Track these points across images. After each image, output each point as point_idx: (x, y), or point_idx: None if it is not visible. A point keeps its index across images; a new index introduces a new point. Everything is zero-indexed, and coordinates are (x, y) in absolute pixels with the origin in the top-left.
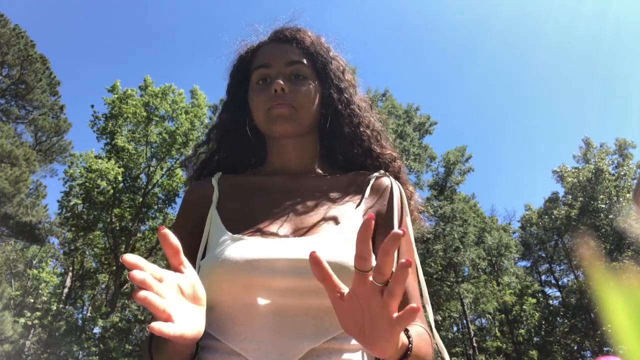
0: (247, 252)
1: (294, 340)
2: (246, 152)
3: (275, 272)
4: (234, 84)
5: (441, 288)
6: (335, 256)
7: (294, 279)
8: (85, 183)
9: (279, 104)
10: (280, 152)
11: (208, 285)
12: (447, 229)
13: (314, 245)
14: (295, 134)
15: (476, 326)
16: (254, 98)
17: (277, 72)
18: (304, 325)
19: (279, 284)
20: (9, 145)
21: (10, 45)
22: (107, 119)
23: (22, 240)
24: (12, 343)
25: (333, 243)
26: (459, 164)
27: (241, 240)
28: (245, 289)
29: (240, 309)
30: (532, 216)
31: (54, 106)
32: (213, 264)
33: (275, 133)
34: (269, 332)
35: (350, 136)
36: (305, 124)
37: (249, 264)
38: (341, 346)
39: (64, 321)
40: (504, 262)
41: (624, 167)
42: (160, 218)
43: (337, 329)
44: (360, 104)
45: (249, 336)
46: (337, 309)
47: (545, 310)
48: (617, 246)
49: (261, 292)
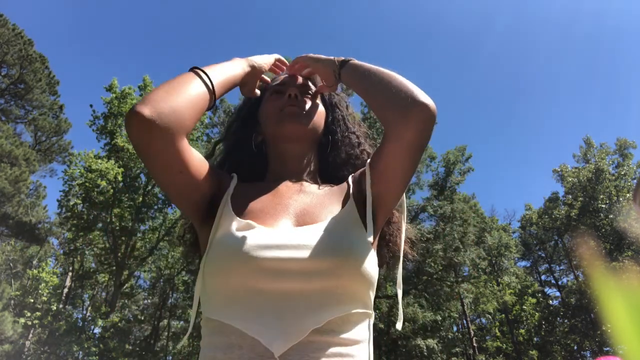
0: (255, 237)
1: (298, 321)
2: (250, 165)
3: (280, 256)
4: (249, 106)
5: (441, 288)
6: (334, 240)
7: (298, 262)
8: (85, 183)
9: (292, 105)
10: (282, 161)
11: (216, 269)
12: (447, 229)
13: (316, 232)
14: (302, 136)
15: (476, 326)
16: (266, 106)
17: (289, 87)
18: (308, 307)
19: (284, 266)
20: (8, 145)
21: (9, 45)
22: (106, 118)
23: (22, 240)
24: (12, 343)
25: (332, 229)
26: (459, 164)
27: (250, 229)
28: (252, 273)
29: (246, 291)
30: (532, 216)
31: (54, 106)
32: (220, 248)
33: (286, 130)
34: (274, 313)
35: (346, 160)
36: (311, 131)
37: (256, 249)
38: (343, 328)
39: (64, 321)
40: (504, 262)
41: (624, 167)
42: (160, 218)
43: (339, 310)
44: (359, 133)
45: (255, 317)
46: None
47: (545, 310)
48: (617, 246)
49: (267, 275)
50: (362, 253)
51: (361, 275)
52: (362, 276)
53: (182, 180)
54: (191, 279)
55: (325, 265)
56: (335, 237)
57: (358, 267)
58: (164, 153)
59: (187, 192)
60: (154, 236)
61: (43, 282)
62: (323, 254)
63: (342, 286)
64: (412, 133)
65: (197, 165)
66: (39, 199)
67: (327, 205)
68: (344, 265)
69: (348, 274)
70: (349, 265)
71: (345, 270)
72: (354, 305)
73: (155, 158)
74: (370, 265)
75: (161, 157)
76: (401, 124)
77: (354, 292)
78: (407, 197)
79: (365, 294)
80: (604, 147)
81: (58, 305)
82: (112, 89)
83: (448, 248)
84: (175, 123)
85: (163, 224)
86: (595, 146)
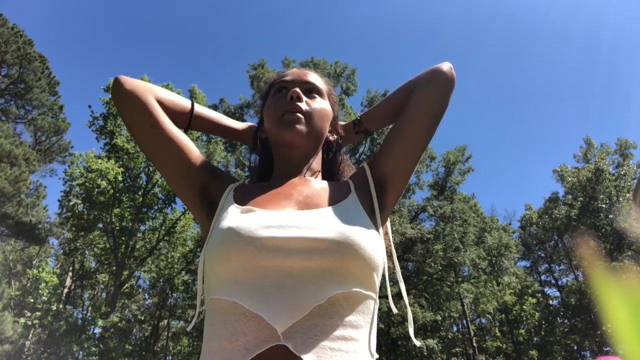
0: (258, 219)
1: (300, 298)
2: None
3: (284, 236)
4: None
5: (441, 288)
6: (338, 223)
7: (301, 240)
8: (85, 183)
9: (292, 112)
10: (286, 162)
11: (217, 251)
12: (447, 229)
13: (319, 215)
14: (303, 144)
15: (476, 326)
16: (269, 106)
17: (293, 85)
18: (309, 284)
19: (287, 245)
20: (8, 145)
21: (9, 44)
22: (106, 119)
23: (22, 240)
24: (12, 343)
25: (336, 213)
26: (459, 164)
27: (251, 212)
28: (253, 251)
29: (247, 269)
30: (532, 216)
31: (54, 106)
32: (221, 232)
33: (285, 139)
34: (276, 290)
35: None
36: (313, 137)
37: (257, 228)
38: (344, 306)
39: (64, 321)
40: (504, 262)
41: (624, 167)
42: (160, 218)
43: (339, 288)
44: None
45: (259, 295)
46: None
47: (545, 310)
48: (617, 246)
49: (268, 253)
50: (365, 234)
51: (363, 255)
52: (364, 257)
53: (155, 135)
54: (191, 279)
55: (327, 244)
56: (337, 218)
57: (361, 247)
58: (131, 103)
59: (169, 158)
60: (153, 236)
61: (43, 282)
62: (325, 233)
63: (344, 265)
64: (437, 95)
65: (175, 132)
66: (39, 199)
67: (330, 195)
68: (346, 244)
69: (350, 253)
70: (351, 244)
71: (347, 249)
72: (356, 285)
73: (123, 107)
74: (373, 248)
75: (129, 106)
76: (428, 87)
77: (356, 272)
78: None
79: (369, 276)
80: (604, 147)
81: (58, 305)
82: (109, 89)
83: (448, 248)
84: (144, 88)
85: (163, 224)
86: (595, 146)
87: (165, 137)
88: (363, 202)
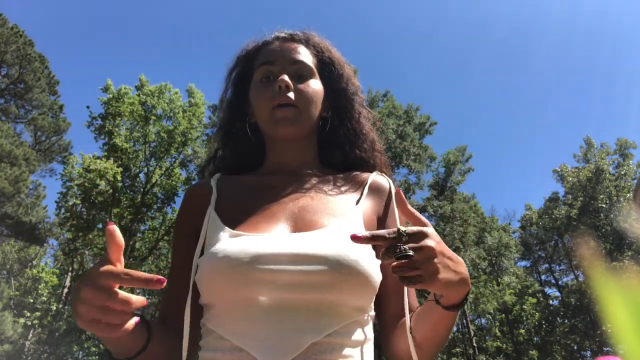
0: (248, 247)
1: (295, 335)
2: (247, 151)
3: (276, 267)
4: (235, 81)
5: None
6: (336, 250)
7: (295, 274)
8: (84, 183)
9: (283, 106)
10: (279, 152)
11: (208, 281)
12: (447, 229)
13: (315, 240)
14: (298, 137)
15: (476, 326)
16: (257, 95)
17: (281, 69)
18: (306, 320)
19: (281, 278)
20: (8, 145)
21: (9, 45)
22: (104, 119)
23: (21, 240)
24: (12, 343)
25: (334, 238)
26: (459, 164)
27: (241, 236)
28: (247, 284)
29: (241, 303)
30: (532, 216)
31: (53, 106)
32: (213, 260)
33: (278, 135)
34: (270, 327)
35: (347, 139)
36: (307, 126)
37: (250, 258)
38: (342, 341)
39: (63, 321)
40: (504, 262)
41: (624, 167)
42: (160, 218)
43: (337, 323)
44: (360, 109)
45: (251, 331)
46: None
47: (545, 310)
48: (617, 246)
49: (262, 287)
50: (367, 265)
51: (365, 288)
52: (365, 289)
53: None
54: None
55: (326, 278)
56: (337, 248)
57: (362, 281)
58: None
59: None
60: (153, 236)
61: (43, 282)
62: (323, 267)
63: (343, 299)
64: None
65: (187, 252)
66: (38, 199)
67: (327, 206)
68: (347, 279)
69: (350, 288)
70: (351, 279)
71: (347, 285)
72: (355, 315)
73: None
74: (375, 277)
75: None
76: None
77: (355, 303)
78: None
79: (368, 303)
80: (604, 147)
81: (58, 305)
82: (107, 90)
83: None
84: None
85: (162, 223)
86: (595, 146)
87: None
88: (373, 211)
